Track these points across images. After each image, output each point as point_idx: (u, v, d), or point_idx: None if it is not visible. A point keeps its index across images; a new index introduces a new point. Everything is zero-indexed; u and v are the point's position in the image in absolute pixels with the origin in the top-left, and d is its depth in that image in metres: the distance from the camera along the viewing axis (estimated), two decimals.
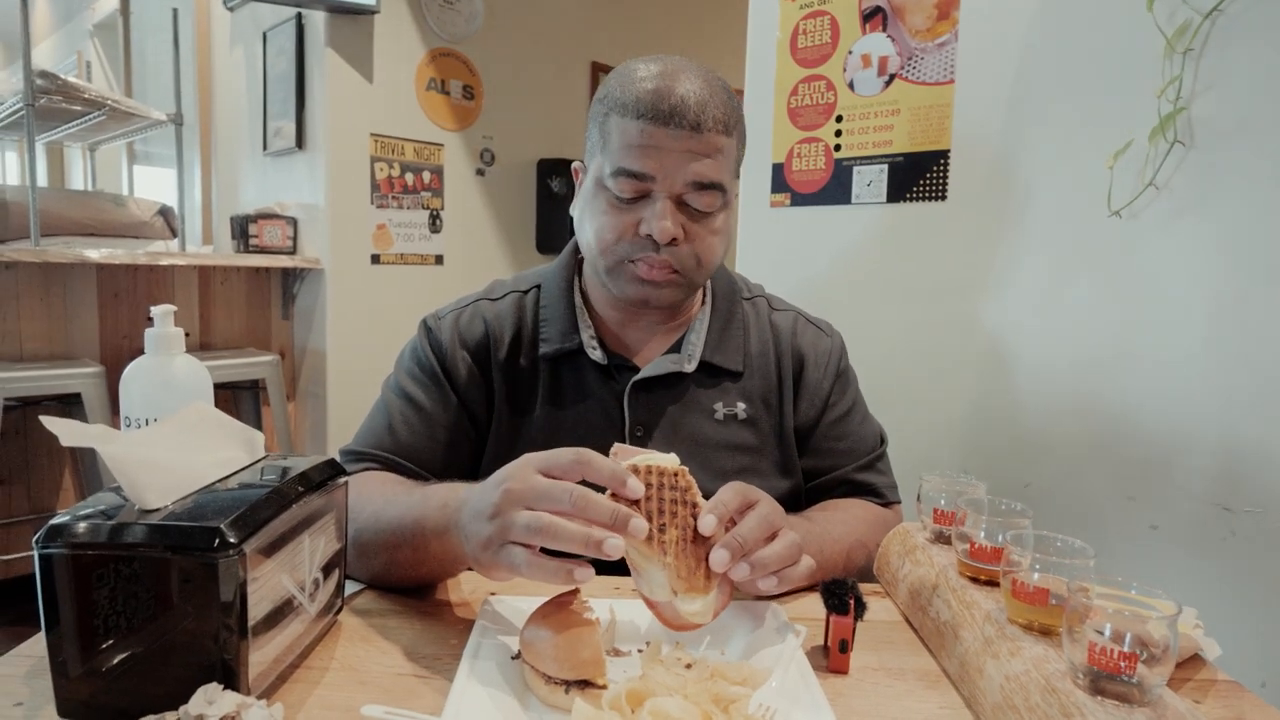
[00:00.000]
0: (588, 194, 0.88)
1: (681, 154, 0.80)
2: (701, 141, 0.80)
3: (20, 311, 2.46)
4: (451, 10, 3.11)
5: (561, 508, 0.58)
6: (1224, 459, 1.10)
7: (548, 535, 0.57)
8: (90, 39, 4.64)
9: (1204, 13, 1.09)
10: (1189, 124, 1.12)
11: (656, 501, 0.60)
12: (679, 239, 0.82)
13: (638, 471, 0.61)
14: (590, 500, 0.57)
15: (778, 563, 0.64)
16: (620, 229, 0.84)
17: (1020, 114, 1.30)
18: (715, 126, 0.81)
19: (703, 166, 0.81)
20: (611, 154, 0.82)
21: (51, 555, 0.51)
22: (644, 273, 0.84)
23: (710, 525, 0.61)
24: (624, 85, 0.83)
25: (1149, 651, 0.50)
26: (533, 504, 0.58)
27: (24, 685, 0.58)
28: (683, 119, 0.79)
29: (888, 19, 1.44)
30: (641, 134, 0.80)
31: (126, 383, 0.72)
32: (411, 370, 0.94)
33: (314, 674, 0.62)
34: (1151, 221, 1.16)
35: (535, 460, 0.61)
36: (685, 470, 0.62)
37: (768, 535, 0.64)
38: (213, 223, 3.66)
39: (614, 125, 0.83)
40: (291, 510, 0.59)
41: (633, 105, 0.81)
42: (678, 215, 0.82)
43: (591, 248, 0.87)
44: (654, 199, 0.82)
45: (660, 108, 0.79)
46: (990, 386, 1.36)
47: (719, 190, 0.83)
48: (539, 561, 0.58)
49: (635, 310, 0.91)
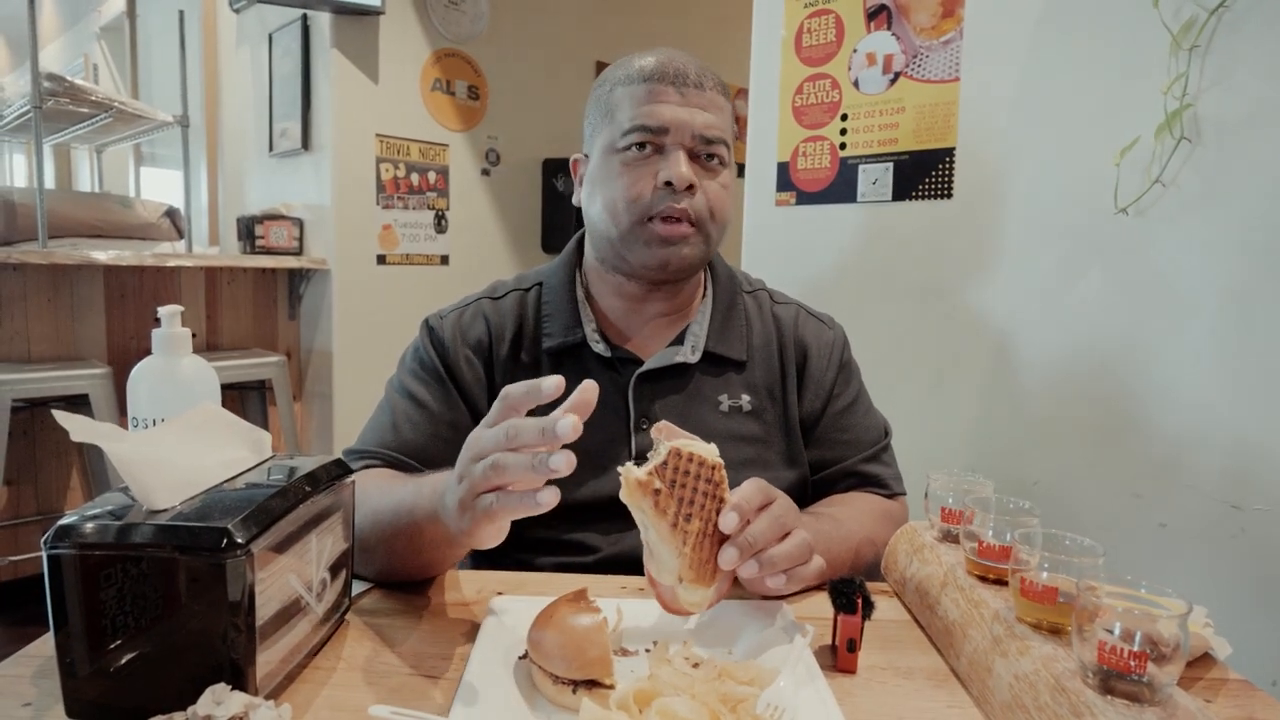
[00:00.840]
0: (595, 169, 0.91)
1: (689, 108, 0.86)
2: (705, 97, 0.87)
3: (28, 312, 2.47)
4: (456, 11, 3.12)
5: (501, 445, 0.58)
6: (1233, 456, 1.10)
7: (499, 471, 0.57)
8: (97, 41, 4.66)
9: (1210, 9, 1.08)
10: (1195, 120, 1.11)
11: (690, 491, 0.60)
12: (695, 185, 0.86)
13: (680, 456, 0.60)
14: (519, 427, 0.57)
15: (786, 561, 0.65)
16: (639, 185, 0.87)
17: (1026, 111, 1.29)
18: (715, 87, 0.89)
19: (709, 118, 0.87)
20: (622, 118, 0.87)
21: (60, 555, 0.51)
22: (663, 230, 0.86)
23: (731, 523, 0.62)
24: (625, 66, 0.90)
25: (1159, 650, 0.50)
26: (481, 453, 0.59)
27: (32, 686, 0.59)
28: (685, 79, 0.87)
29: (892, 17, 1.43)
30: (650, 93, 0.86)
31: (134, 383, 0.72)
32: (414, 369, 0.94)
33: (321, 674, 0.62)
34: (1159, 218, 1.16)
35: (484, 419, 0.62)
36: (722, 464, 0.62)
37: (779, 535, 0.65)
38: (219, 224, 3.67)
39: (620, 94, 0.88)
40: (299, 510, 0.59)
41: (637, 74, 0.88)
42: (691, 164, 0.87)
43: (605, 217, 0.89)
44: (667, 153, 0.86)
45: (665, 71, 0.87)
46: (997, 384, 1.36)
47: (723, 144, 0.89)
48: (505, 495, 0.57)
49: (644, 290, 0.92)
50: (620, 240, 0.88)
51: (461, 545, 0.67)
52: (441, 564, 0.77)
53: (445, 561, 0.77)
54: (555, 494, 0.57)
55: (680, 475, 0.60)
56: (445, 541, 0.69)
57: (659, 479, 0.60)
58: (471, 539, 0.63)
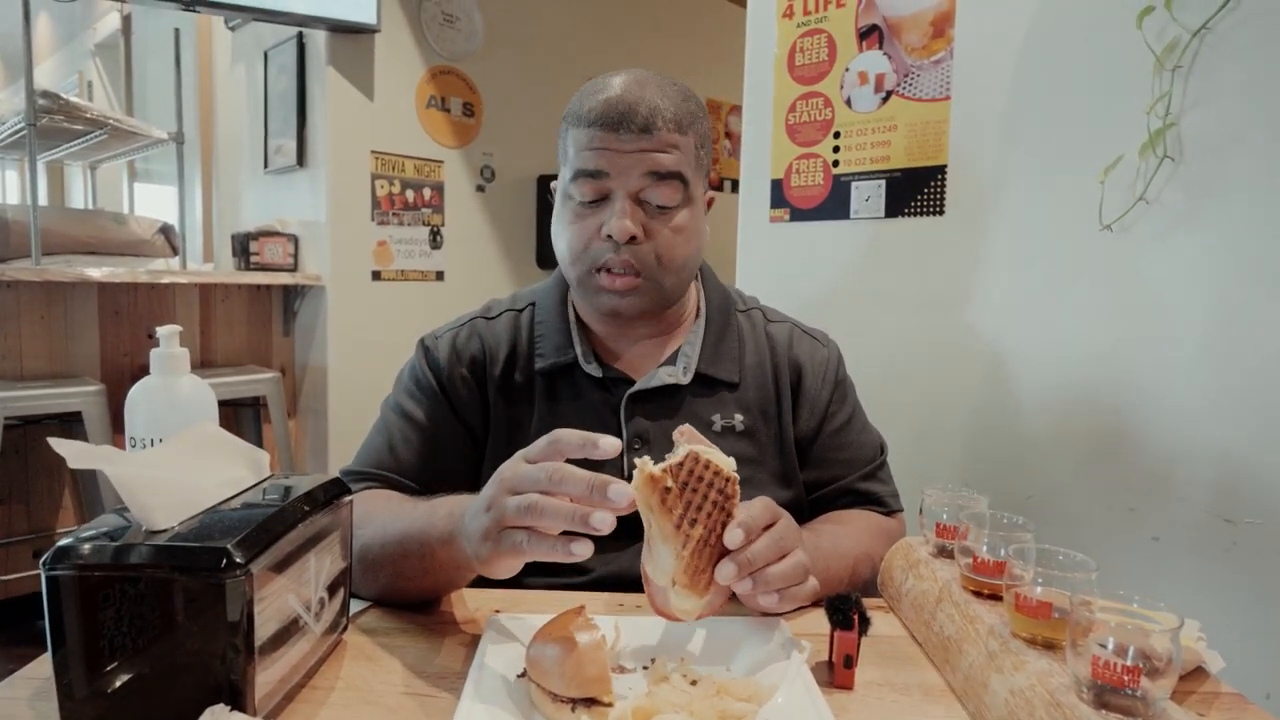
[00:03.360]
0: (558, 209, 0.91)
1: (635, 154, 0.83)
2: (653, 140, 0.83)
3: (21, 330, 2.46)
4: (452, 29, 3.14)
5: (541, 487, 0.58)
6: (1224, 470, 1.11)
7: (535, 514, 0.58)
8: (92, 58, 4.67)
9: (1192, 30, 1.10)
10: (1178, 139, 1.13)
11: (700, 497, 0.61)
12: (639, 237, 0.84)
13: (697, 461, 0.61)
14: (565, 474, 0.58)
15: (781, 581, 0.66)
16: (586, 235, 0.86)
17: (1014, 129, 1.31)
18: (666, 126, 0.83)
19: (657, 159, 0.83)
20: (570, 162, 0.86)
21: (59, 576, 0.51)
22: (607, 282, 0.86)
23: (736, 539, 0.62)
24: (581, 99, 0.87)
25: (1152, 664, 0.51)
26: (517, 488, 0.60)
27: (28, 709, 0.58)
28: (631, 123, 0.82)
29: (884, 37, 1.45)
30: (593, 139, 0.83)
31: (132, 403, 0.73)
32: (410, 389, 0.94)
33: (319, 694, 0.62)
34: (1143, 235, 1.17)
35: (523, 451, 0.63)
36: (737, 479, 0.63)
37: (778, 555, 0.66)
38: (214, 240, 3.67)
39: (570, 137, 0.86)
40: (298, 529, 0.59)
41: (585, 115, 0.84)
42: (637, 213, 0.84)
43: (564, 260, 0.90)
44: (613, 199, 0.84)
45: (610, 115, 0.82)
46: (989, 399, 1.37)
47: (677, 180, 0.84)
48: (538, 538, 0.58)
49: (615, 323, 0.92)
50: (576, 284, 0.90)
51: (474, 571, 0.67)
52: (449, 588, 0.77)
53: (453, 585, 0.77)
54: (589, 546, 0.58)
55: (693, 480, 0.61)
56: (457, 566, 0.69)
57: (671, 478, 0.60)
58: (488, 568, 0.63)
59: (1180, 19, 1.11)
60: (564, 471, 0.58)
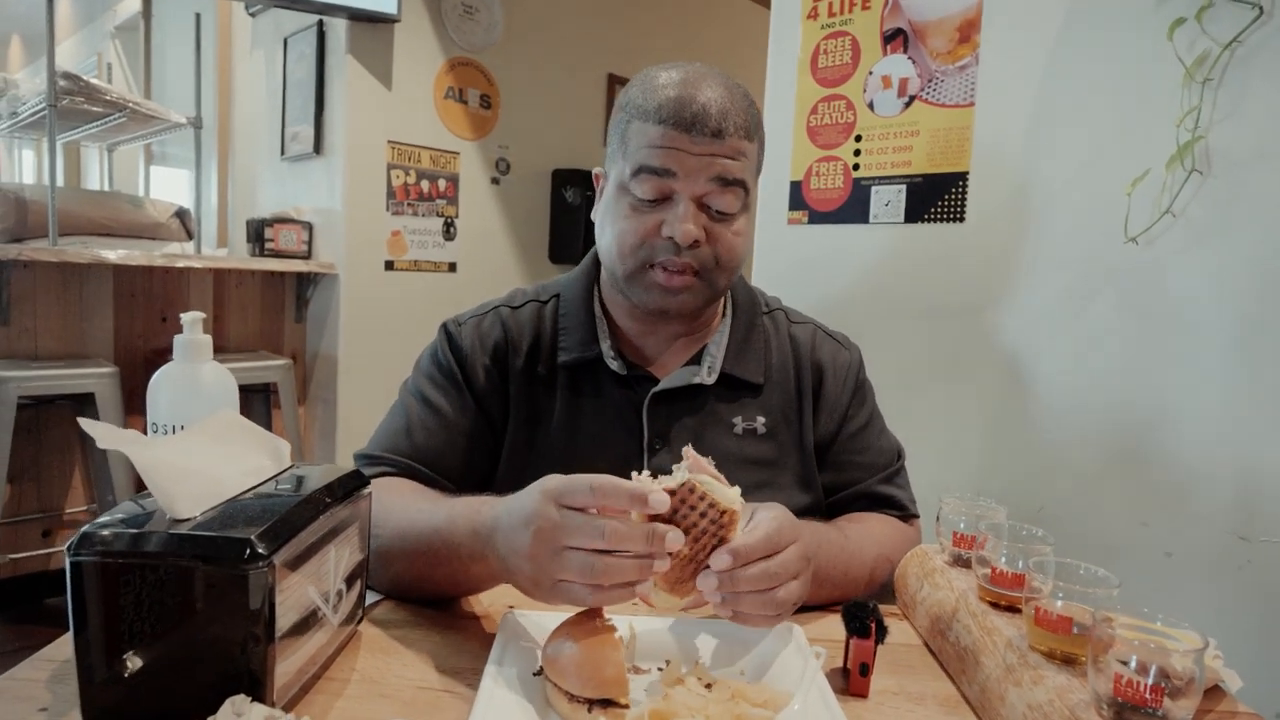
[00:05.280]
0: (609, 200, 0.88)
1: (703, 157, 0.81)
2: (724, 146, 0.81)
3: (37, 310, 2.47)
4: (471, 20, 3.14)
5: (599, 545, 0.57)
6: (1241, 488, 1.10)
7: (600, 575, 0.57)
8: (111, 40, 4.69)
9: (1224, 43, 1.09)
10: (1207, 152, 1.12)
11: (689, 524, 0.60)
12: (701, 241, 0.83)
13: (692, 492, 0.59)
14: (623, 536, 0.57)
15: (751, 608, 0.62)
16: (643, 232, 0.84)
17: (1039, 138, 1.30)
18: (737, 133, 0.82)
19: (725, 166, 0.82)
20: (633, 155, 0.83)
21: (82, 562, 0.51)
22: (664, 280, 0.84)
23: (721, 564, 0.60)
24: (645, 92, 0.84)
25: (1173, 684, 0.50)
26: (567, 542, 0.58)
27: (47, 691, 0.59)
28: (704, 126, 0.80)
29: (909, 41, 1.45)
30: (664, 137, 0.81)
31: (154, 389, 0.73)
32: (431, 374, 0.94)
33: (336, 685, 0.62)
34: (1168, 249, 1.17)
35: (552, 492, 0.60)
36: (738, 512, 0.60)
37: (763, 588, 0.61)
38: (228, 225, 3.68)
39: (635, 130, 0.84)
40: (319, 521, 0.59)
41: (654, 111, 0.82)
42: (700, 217, 0.83)
43: (611, 253, 0.87)
44: (676, 201, 0.82)
45: (683, 115, 0.80)
46: (1005, 409, 1.36)
47: (741, 188, 0.84)
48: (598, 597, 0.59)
49: (654, 321, 0.91)
50: (624, 279, 0.88)
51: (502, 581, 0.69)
52: (479, 592, 0.78)
53: (483, 590, 0.77)
54: (651, 586, 0.61)
55: (685, 508, 0.59)
56: (491, 580, 0.71)
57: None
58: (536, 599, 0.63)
59: (1211, 31, 1.10)
60: (622, 535, 0.57)
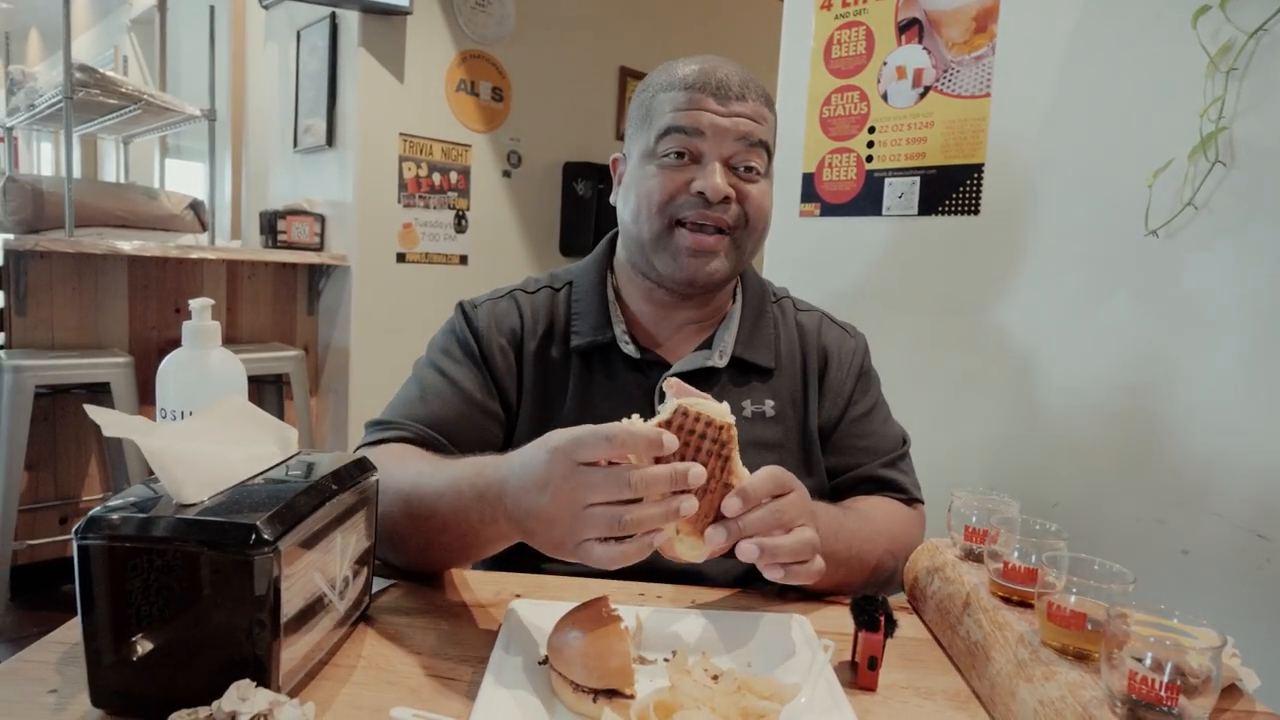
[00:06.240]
0: (632, 172, 0.91)
1: (730, 119, 0.86)
2: (747, 107, 0.87)
3: (53, 300, 2.50)
4: (483, 13, 3.14)
5: (627, 494, 0.57)
6: (1260, 485, 1.08)
7: (632, 527, 0.57)
8: (127, 33, 4.72)
9: (1249, 31, 1.07)
10: (1230, 144, 1.10)
11: (693, 450, 0.60)
12: (731, 197, 0.86)
13: (686, 415, 0.60)
14: (650, 480, 0.57)
15: (788, 555, 0.63)
16: (672, 189, 0.87)
17: (1057, 130, 1.28)
18: (759, 99, 0.88)
19: (751, 126, 0.87)
20: (659, 121, 0.88)
21: (90, 546, 0.52)
22: (692, 241, 0.86)
23: (734, 508, 0.61)
24: (668, 72, 0.90)
25: (1189, 682, 0.49)
26: (591, 499, 0.57)
27: (56, 673, 0.59)
28: (728, 91, 0.86)
29: (924, 31, 1.43)
30: (690, 100, 0.86)
31: (163, 375, 0.73)
32: (447, 347, 0.94)
33: (341, 672, 0.62)
34: (1190, 241, 1.15)
35: (564, 448, 0.59)
36: (732, 424, 0.61)
37: (777, 528, 0.63)
38: (242, 217, 3.70)
39: (661, 100, 0.88)
40: (325, 508, 0.59)
41: (679, 81, 0.88)
42: (728, 174, 0.87)
43: (639, 215, 0.89)
44: (704, 162, 0.86)
45: (708, 81, 0.87)
46: (1019, 403, 1.34)
47: (765, 151, 0.88)
48: (621, 555, 0.58)
49: (674, 298, 0.92)
50: (650, 245, 0.89)
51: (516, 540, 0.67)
52: (487, 555, 0.76)
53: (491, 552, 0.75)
54: (673, 535, 0.61)
55: (684, 434, 0.60)
56: (504, 541, 0.69)
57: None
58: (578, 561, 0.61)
59: (1235, 20, 1.08)
60: (649, 480, 0.56)
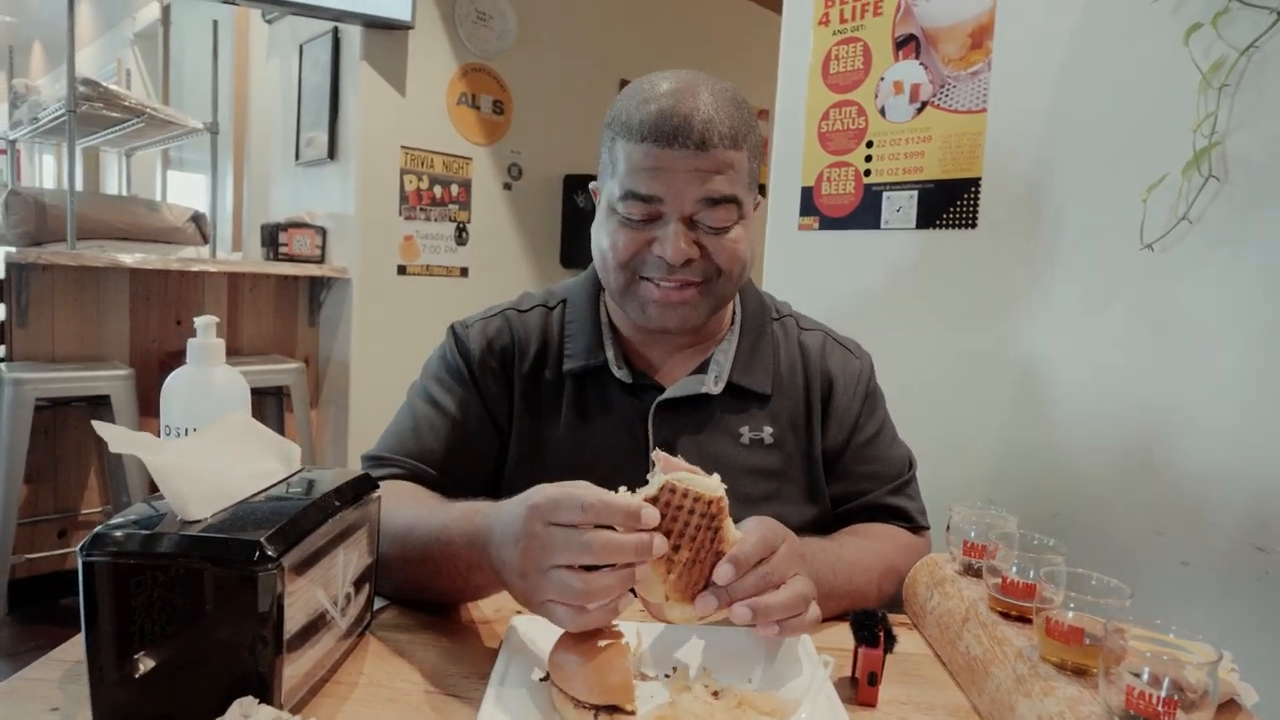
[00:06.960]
0: (601, 217, 0.88)
1: (689, 174, 0.79)
2: (709, 159, 0.79)
3: (54, 313, 2.50)
4: (484, 27, 3.16)
5: (585, 559, 0.57)
6: (1258, 497, 1.08)
7: (588, 595, 0.57)
8: (131, 47, 4.75)
9: (1240, 48, 1.08)
10: (1224, 158, 1.11)
11: (681, 525, 0.59)
12: (694, 258, 0.82)
13: (674, 491, 0.59)
14: (611, 547, 0.57)
15: (782, 613, 0.62)
16: (634, 246, 0.83)
17: (1052, 144, 1.30)
18: (722, 142, 0.79)
19: (713, 184, 0.80)
20: (619, 178, 0.82)
21: (94, 563, 0.52)
22: (658, 295, 0.84)
23: (726, 576, 0.60)
24: (629, 108, 0.83)
25: (1186, 697, 0.50)
26: (556, 560, 0.58)
27: (59, 691, 0.59)
28: (687, 138, 0.78)
29: (921, 47, 1.44)
30: (646, 156, 0.80)
31: (167, 392, 0.73)
32: (439, 375, 0.94)
33: (343, 689, 0.62)
34: (1184, 255, 1.15)
35: (542, 509, 0.59)
36: (723, 498, 0.61)
37: (764, 589, 0.62)
38: (243, 230, 3.71)
39: (620, 150, 0.83)
40: (328, 524, 0.59)
41: (636, 129, 0.80)
42: (689, 235, 0.81)
43: (605, 268, 0.87)
44: (665, 220, 0.81)
45: (663, 129, 0.79)
46: (1018, 416, 1.35)
47: (733, 204, 0.82)
48: (581, 621, 0.58)
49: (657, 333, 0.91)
50: (617, 295, 0.88)
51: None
52: (478, 598, 0.78)
53: (481, 597, 0.77)
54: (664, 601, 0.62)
55: (672, 510, 0.59)
56: (492, 588, 0.70)
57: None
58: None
59: (1228, 37, 1.09)
60: (611, 547, 0.57)
